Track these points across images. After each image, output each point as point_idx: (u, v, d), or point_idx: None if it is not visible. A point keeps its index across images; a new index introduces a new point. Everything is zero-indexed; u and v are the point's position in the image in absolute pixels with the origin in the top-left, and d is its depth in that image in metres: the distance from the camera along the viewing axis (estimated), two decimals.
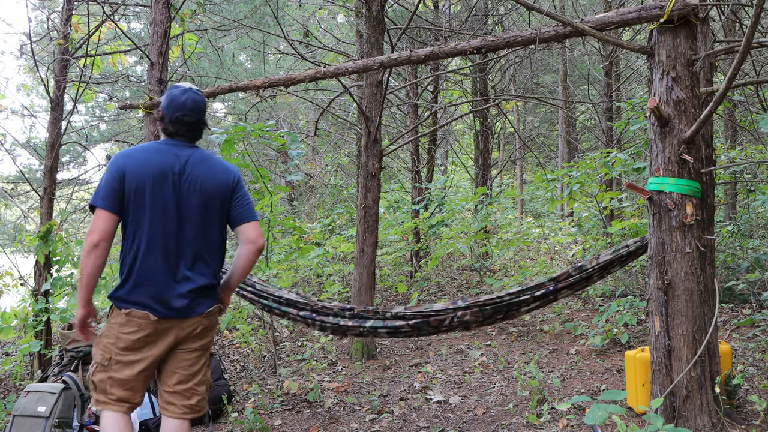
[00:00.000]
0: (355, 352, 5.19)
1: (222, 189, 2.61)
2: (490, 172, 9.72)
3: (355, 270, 5.14)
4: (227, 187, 2.63)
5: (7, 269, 5.69)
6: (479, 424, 3.55)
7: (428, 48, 3.24)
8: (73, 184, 8.64)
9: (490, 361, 4.85)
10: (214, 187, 2.60)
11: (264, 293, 3.76)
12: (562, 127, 12.10)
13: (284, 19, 9.80)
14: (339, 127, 10.75)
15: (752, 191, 6.03)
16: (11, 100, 18.51)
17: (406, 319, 3.41)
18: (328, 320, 3.58)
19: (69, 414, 3.49)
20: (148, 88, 4.36)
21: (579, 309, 6.14)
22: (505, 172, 16.21)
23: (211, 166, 2.64)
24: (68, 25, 5.12)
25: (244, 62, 13.14)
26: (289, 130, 5.00)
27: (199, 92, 2.67)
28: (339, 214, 9.42)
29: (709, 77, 3.34)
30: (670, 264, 2.83)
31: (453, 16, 8.90)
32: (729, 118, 6.54)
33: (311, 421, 3.83)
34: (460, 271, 9.17)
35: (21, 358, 5.21)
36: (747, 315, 4.98)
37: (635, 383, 3.30)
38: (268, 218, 5.02)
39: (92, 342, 2.67)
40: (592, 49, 9.83)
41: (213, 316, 2.64)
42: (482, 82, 9.04)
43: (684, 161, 2.82)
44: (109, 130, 12.56)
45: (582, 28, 2.89)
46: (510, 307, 3.28)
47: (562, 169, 7.06)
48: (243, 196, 2.68)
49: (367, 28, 5.15)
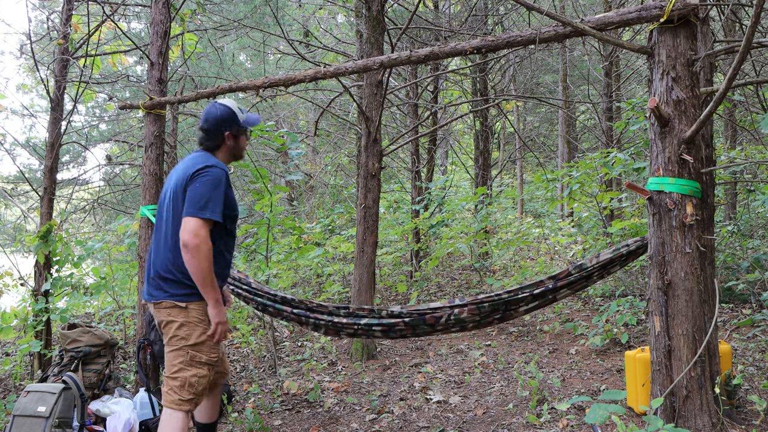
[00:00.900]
0: (355, 352, 5.19)
1: (180, 182, 2.68)
2: (490, 172, 9.72)
3: (355, 270, 5.14)
4: (184, 179, 2.67)
5: (7, 269, 5.69)
6: (479, 424, 3.55)
7: (428, 48, 3.24)
8: (73, 184, 8.65)
9: (490, 361, 4.85)
10: (176, 180, 2.70)
11: (259, 291, 3.75)
12: (562, 127, 12.10)
13: (284, 19, 9.80)
14: (339, 127, 10.75)
15: (752, 191, 6.03)
16: (11, 100, 18.50)
17: (401, 317, 3.40)
18: (323, 318, 3.57)
19: (69, 414, 3.49)
20: (148, 88, 4.36)
21: (579, 309, 6.14)
22: (505, 172, 16.21)
23: (187, 161, 2.75)
24: (68, 25, 5.12)
25: (244, 62, 13.14)
26: (289, 130, 5.00)
27: (216, 104, 2.84)
28: (339, 214, 9.42)
29: (709, 77, 3.34)
30: (670, 264, 2.83)
31: (453, 16, 8.90)
32: (729, 118, 6.54)
33: (311, 421, 3.83)
34: (460, 271, 9.17)
35: (21, 358, 5.21)
36: (747, 315, 4.98)
37: (635, 383, 3.30)
38: (268, 218, 5.02)
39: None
40: (592, 49, 9.83)
41: (162, 309, 2.67)
42: (482, 82, 9.04)
43: (684, 161, 2.82)
44: (109, 130, 12.56)
45: (582, 28, 2.89)
46: (508, 305, 3.27)
47: (562, 169, 7.06)
48: (193, 189, 2.61)
49: (367, 28, 5.15)
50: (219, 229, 2.71)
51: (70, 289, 5.13)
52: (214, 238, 2.67)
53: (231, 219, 2.78)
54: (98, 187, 11.19)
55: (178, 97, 4.20)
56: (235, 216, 2.80)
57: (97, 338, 4.30)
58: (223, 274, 2.83)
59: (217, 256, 2.71)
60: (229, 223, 2.78)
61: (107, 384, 4.32)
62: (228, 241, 2.82)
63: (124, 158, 10.81)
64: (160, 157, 4.26)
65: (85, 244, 5.31)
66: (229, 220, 2.76)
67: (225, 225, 2.74)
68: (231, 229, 2.82)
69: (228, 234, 2.81)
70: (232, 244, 2.86)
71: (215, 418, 3.13)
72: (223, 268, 2.81)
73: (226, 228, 2.77)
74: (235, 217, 2.81)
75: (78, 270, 5.19)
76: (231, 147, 2.88)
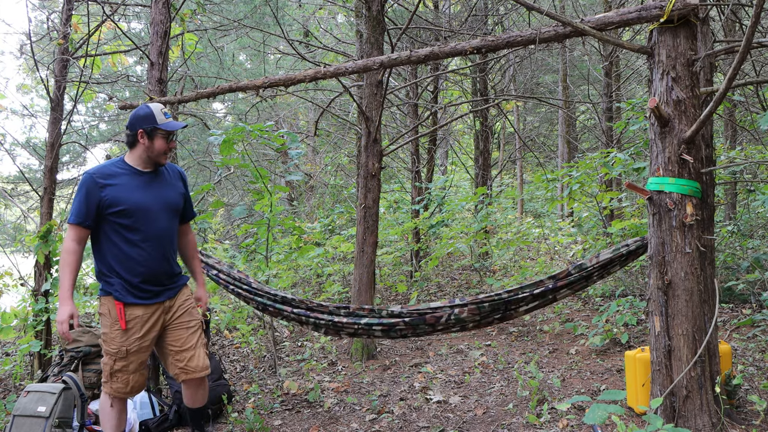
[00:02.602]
0: (355, 352, 5.19)
1: None
2: (490, 172, 9.72)
3: (355, 270, 5.14)
4: None
5: (7, 269, 5.69)
6: (479, 424, 3.55)
7: (428, 48, 3.24)
8: (73, 184, 8.64)
9: (490, 361, 4.85)
10: None
11: (259, 291, 3.75)
12: (562, 127, 12.10)
13: (284, 19, 9.80)
14: (339, 127, 10.75)
15: (752, 191, 6.03)
16: (11, 100, 18.51)
17: (401, 316, 3.40)
18: (323, 318, 3.57)
19: (69, 414, 3.49)
20: (148, 88, 4.36)
21: (579, 309, 6.14)
22: (505, 172, 16.21)
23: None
24: (68, 25, 5.12)
25: (244, 62, 13.14)
26: (288, 130, 5.00)
27: (142, 104, 3.12)
28: (339, 214, 9.42)
29: (709, 77, 3.34)
30: (670, 264, 2.83)
31: (453, 16, 8.90)
32: (729, 118, 6.54)
33: (311, 421, 3.83)
34: (460, 271, 9.16)
35: (21, 358, 5.21)
36: (747, 315, 4.98)
37: (635, 383, 3.30)
38: (268, 218, 5.01)
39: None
40: (592, 49, 9.83)
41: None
42: (482, 82, 9.03)
43: (684, 161, 2.82)
44: (109, 130, 12.56)
45: (582, 28, 2.89)
46: (508, 305, 3.27)
47: (562, 169, 7.06)
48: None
49: (367, 28, 5.15)
50: (107, 227, 2.90)
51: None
52: (104, 236, 2.91)
53: (116, 214, 2.89)
54: None
55: (178, 97, 4.19)
56: (120, 211, 2.89)
57: (97, 338, 4.30)
58: (136, 271, 2.92)
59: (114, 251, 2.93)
60: (117, 217, 2.89)
61: None
62: (126, 233, 2.92)
63: None
64: None
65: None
66: (115, 216, 2.89)
67: (112, 222, 2.90)
68: (124, 223, 2.91)
69: (124, 228, 2.91)
70: (134, 236, 2.92)
71: (196, 405, 3.25)
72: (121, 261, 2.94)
73: (118, 223, 2.90)
74: (121, 212, 2.89)
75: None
76: (146, 147, 2.96)
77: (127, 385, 2.95)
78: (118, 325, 2.89)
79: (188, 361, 3.07)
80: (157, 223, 2.97)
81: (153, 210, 2.96)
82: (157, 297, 2.99)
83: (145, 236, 2.93)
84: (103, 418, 3.02)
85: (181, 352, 3.06)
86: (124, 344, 2.89)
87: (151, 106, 2.98)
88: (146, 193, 2.96)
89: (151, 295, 2.97)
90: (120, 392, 2.95)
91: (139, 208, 2.91)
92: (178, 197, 3.12)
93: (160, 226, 2.98)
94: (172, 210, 3.07)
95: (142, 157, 2.99)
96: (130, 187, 2.92)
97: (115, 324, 2.89)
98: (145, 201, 2.94)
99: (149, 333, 2.97)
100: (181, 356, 3.06)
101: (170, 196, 3.07)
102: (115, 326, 2.89)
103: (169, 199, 3.06)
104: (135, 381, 2.97)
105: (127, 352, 2.90)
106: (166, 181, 3.09)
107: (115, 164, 2.98)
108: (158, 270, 2.98)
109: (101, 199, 2.86)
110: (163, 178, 3.08)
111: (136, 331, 2.91)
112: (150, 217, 2.95)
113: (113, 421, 3.00)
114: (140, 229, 2.92)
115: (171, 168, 3.18)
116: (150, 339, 2.98)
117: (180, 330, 3.07)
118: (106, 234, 2.91)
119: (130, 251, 2.91)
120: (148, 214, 2.94)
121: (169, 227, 3.05)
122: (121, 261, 2.91)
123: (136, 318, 2.92)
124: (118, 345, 2.90)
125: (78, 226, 2.86)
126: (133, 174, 2.96)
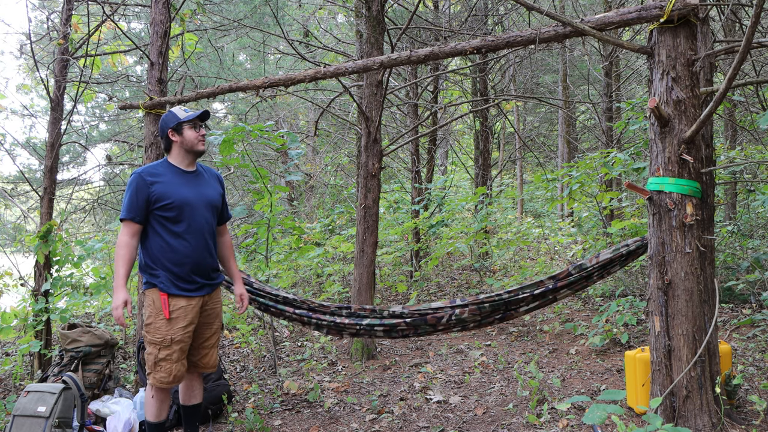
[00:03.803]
0: (355, 352, 5.19)
1: None
2: (490, 172, 9.72)
3: (355, 270, 5.14)
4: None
5: (7, 269, 5.69)
6: (479, 424, 3.55)
7: (428, 48, 3.24)
8: (73, 184, 8.65)
9: (490, 361, 4.85)
10: None
11: (261, 291, 3.76)
12: (562, 127, 12.10)
13: (284, 19, 9.80)
14: (339, 127, 10.75)
15: (752, 191, 6.03)
16: (11, 100, 18.51)
17: (403, 317, 3.41)
18: (325, 318, 3.58)
19: (69, 414, 3.49)
20: (148, 88, 4.36)
21: (579, 309, 6.14)
22: (505, 172, 16.21)
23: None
24: (68, 25, 5.12)
25: (244, 62, 13.13)
26: (288, 130, 4.99)
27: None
28: (339, 214, 9.42)
29: (709, 77, 3.34)
30: (670, 264, 2.83)
31: (453, 16, 8.90)
32: (729, 118, 6.54)
33: (311, 421, 3.83)
34: (460, 271, 9.17)
35: (21, 358, 5.21)
36: (747, 315, 4.98)
37: (635, 383, 3.30)
38: (268, 218, 5.01)
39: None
40: (592, 49, 9.83)
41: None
42: (482, 82, 9.03)
43: (684, 161, 2.82)
44: (109, 130, 12.55)
45: (582, 28, 2.89)
46: (509, 305, 3.27)
47: (562, 169, 7.05)
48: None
49: (367, 28, 5.14)
50: (153, 222, 3.08)
51: (70, 289, 5.12)
52: (151, 230, 3.09)
53: (163, 208, 3.07)
54: (98, 188, 11.20)
55: (178, 97, 4.19)
56: (167, 205, 3.07)
57: (97, 338, 4.30)
58: (181, 262, 3.08)
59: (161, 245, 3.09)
60: (164, 211, 3.07)
61: (107, 384, 4.32)
62: (171, 226, 3.09)
63: (124, 158, 10.82)
64: (160, 157, 4.26)
65: (85, 244, 5.31)
66: (161, 210, 3.07)
67: (159, 217, 3.07)
68: (170, 216, 3.08)
69: (169, 221, 3.08)
70: (178, 228, 3.09)
71: (192, 402, 3.37)
72: (167, 253, 3.10)
73: (164, 217, 3.08)
74: (167, 206, 3.07)
75: (78, 270, 5.20)
76: (180, 142, 3.18)
77: (170, 374, 3.07)
78: (162, 315, 3.03)
79: (203, 358, 3.27)
80: (199, 217, 3.17)
81: (196, 205, 3.16)
82: (199, 290, 3.15)
83: (188, 228, 3.12)
84: (145, 408, 3.21)
85: (200, 348, 3.25)
86: (169, 333, 3.03)
87: (172, 109, 3.24)
88: (189, 189, 3.17)
89: (195, 288, 3.13)
90: (163, 382, 3.08)
91: (183, 202, 3.11)
92: (217, 196, 3.32)
93: (202, 220, 3.18)
94: (212, 207, 3.26)
95: (181, 154, 3.20)
96: (175, 183, 3.14)
97: (160, 314, 3.04)
98: (189, 196, 3.14)
99: (191, 324, 3.12)
100: (198, 352, 3.25)
101: (210, 193, 3.27)
102: (159, 316, 3.04)
103: (209, 196, 3.25)
104: (177, 370, 3.09)
105: (172, 341, 3.04)
106: (206, 180, 3.30)
107: (160, 164, 3.21)
108: (202, 262, 3.16)
109: (149, 195, 3.06)
110: (203, 178, 3.29)
111: (180, 320, 3.06)
112: (193, 211, 3.15)
113: (153, 409, 3.17)
114: (184, 221, 3.11)
115: (209, 171, 3.39)
116: (191, 330, 3.13)
117: (205, 328, 3.25)
118: (153, 228, 3.09)
119: (176, 243, 3.09)
120: (191, 208, 3.14)
121: (210, 222, 3.24)
122: (166, 253, 3.08)
123: (180, 308, 3.07)
124: (163, 334, 3.03)
125: (130, 222, 3.05)
126: (177, 173, 3.18)
